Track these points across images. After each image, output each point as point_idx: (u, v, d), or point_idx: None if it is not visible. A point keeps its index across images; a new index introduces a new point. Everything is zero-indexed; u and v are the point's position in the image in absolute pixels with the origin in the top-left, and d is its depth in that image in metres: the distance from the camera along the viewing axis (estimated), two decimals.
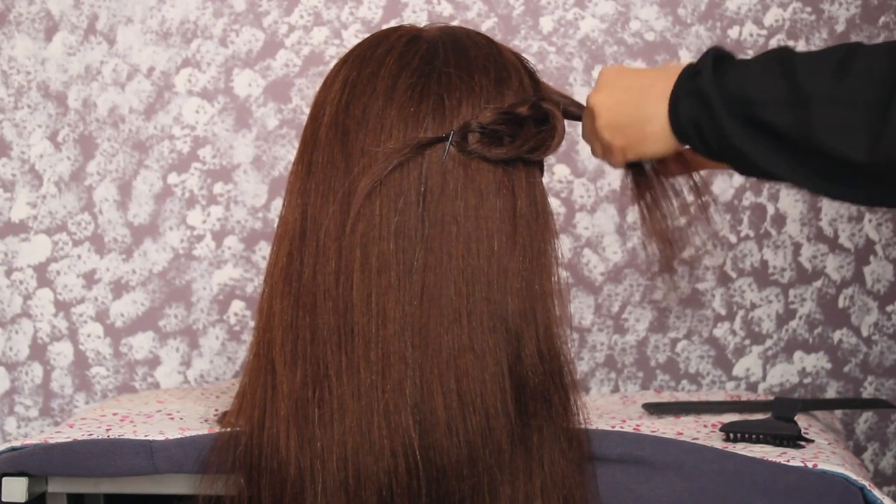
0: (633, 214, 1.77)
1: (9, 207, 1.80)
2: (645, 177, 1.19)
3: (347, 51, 1.18)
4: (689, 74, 1.09)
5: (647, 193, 1.19)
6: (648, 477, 1.12)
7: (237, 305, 1.79)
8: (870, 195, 1.05)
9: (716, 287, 1.77)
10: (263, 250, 1.78)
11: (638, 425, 1.32)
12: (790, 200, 1.76)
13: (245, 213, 1.79)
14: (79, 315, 1.80)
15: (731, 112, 1.06)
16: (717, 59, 1.08)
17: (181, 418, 1.29)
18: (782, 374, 1.78)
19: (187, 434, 1.19)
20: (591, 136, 1.18)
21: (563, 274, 1.15)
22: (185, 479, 1.16)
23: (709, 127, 1.07)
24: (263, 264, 1.18)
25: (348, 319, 1.08)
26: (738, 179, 1.76)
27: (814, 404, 1.47)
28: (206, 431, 1.19)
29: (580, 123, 1.22)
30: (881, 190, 1.03)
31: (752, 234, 1.77)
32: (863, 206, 1.12)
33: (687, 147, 1.13)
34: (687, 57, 1.76)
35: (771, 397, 1.57)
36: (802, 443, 1.22)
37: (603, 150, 1.17)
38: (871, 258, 1.76)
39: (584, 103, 1.20)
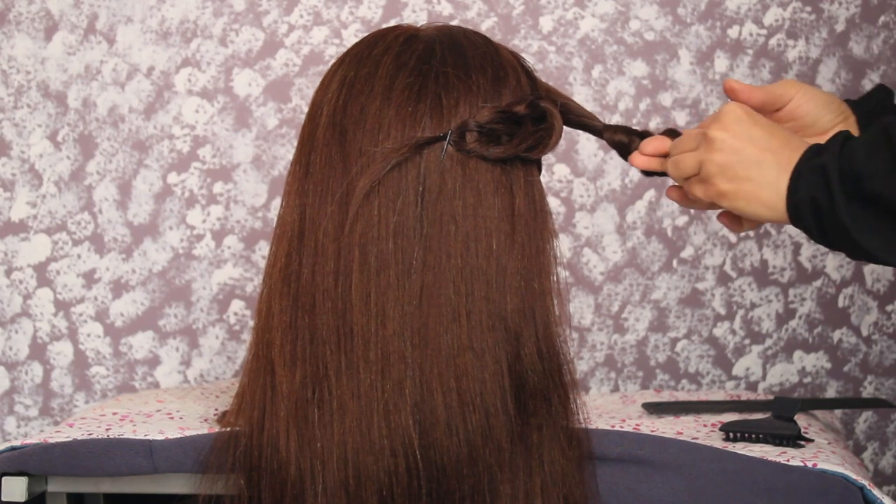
0: (633, 214, 1.77)
1: (9, 207, 1.79)
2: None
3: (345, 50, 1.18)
4: (815, 151, 1.04)
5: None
6: (648, 477, 1.12)
7: (237, 305, 1.79)
8: None
9: (716, 287, 1.77)
10: (263, 250, 1.77)
11: (638, 425, 1.32)
12: None
13: (245, 213, 1.79)
14: (79, 315, 1.80)
15: (845, 189, 1.00)
16: (846, 139, 1.03)
17: (181, 418, 1.29)
18: (782, 374, 1.77)
19: (187, 434, 1.19)
20: (688, 160, 1.11)
21: (563, 273, 1.15)
22: (185, 478, 1.16)
23: (826, 206, 1.01)
24: (263, 264, 1.18)
25: (347, 319, 1.08)
26: None
27: (814, 404, 1.47)
28: (205, 431, 1.19)
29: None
30: None
31: (751, 233, 1.77)
32: None
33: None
34: (687, 57, 1.76)
35: (771, 397, 1.57)
36: (802, 442, 1.22)
37: (698, 180, 1.10)
38: None
39: (583, 105, 1.20)
